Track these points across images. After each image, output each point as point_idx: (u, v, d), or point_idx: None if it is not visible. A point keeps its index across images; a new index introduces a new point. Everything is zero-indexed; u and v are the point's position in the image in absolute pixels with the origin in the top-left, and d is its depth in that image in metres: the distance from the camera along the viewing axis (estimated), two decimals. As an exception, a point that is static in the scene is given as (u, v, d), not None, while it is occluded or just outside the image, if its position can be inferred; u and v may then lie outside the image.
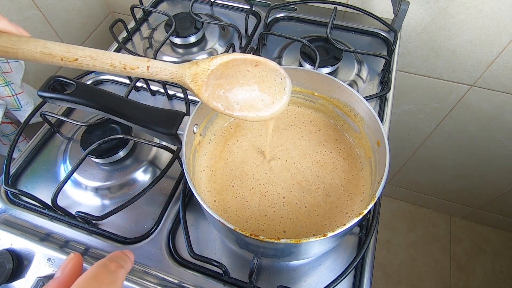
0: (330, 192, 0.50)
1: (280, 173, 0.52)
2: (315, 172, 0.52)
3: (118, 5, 1.07)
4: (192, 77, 0.37)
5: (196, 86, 0.37)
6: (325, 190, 0.50)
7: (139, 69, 0.35)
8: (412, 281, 1.51)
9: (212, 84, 0.39)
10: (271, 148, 0.54)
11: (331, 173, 0.51)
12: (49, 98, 0.48)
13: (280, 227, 0.47)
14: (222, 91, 0.40)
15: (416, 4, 0.80)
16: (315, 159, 0.53)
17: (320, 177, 0.51)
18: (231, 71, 0.40)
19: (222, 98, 0.40)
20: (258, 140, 0.55)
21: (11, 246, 0.53)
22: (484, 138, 1.10)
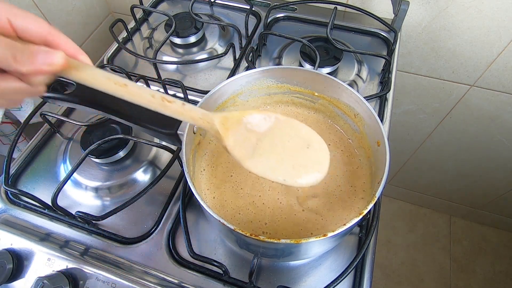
0: (329, 192, 0.50)
1: None
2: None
3: (118, 5, 1.07)
4: (222, 119, 0.37)
5: (224, 128, 0.37)
6: (324, 190, 0.50)
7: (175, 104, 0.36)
8: (412, 281, 1.51)
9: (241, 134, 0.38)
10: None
11: (330, 173, 0.51)
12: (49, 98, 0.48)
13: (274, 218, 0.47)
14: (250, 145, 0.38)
15: (416, 4, 0.80)
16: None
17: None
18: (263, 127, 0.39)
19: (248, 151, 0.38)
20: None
21: (11, 246, 0.53)
22: (484, 138, 1.10)
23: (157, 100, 0.35)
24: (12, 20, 0.29)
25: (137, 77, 0.68)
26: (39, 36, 0.30)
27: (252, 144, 0.38)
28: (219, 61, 0.77)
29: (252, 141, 0.38)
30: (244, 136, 0.38)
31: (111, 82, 0.33)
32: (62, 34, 0.31)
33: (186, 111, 0.36)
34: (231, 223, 0.46)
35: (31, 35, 0.30)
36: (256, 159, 0.38)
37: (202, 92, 0.71)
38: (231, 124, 0.38)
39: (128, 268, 0.51)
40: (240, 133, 0.38)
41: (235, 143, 0.38)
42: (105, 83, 0.33)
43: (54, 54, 0.29)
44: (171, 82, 0.67)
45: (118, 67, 0.71)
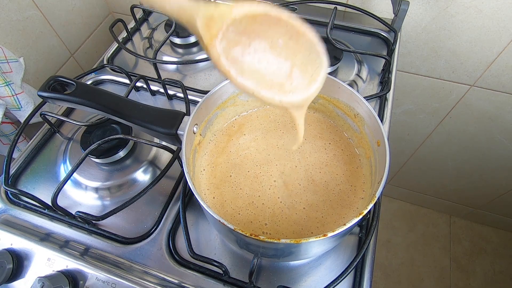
0: (329, 192, 0.50)
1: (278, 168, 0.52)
2: (315, 171, 0.52)
3: (118, 5, 1.07)
4: (205, 20, 0.28)
5: (208, 34, 0.28)
6: (324, 190, 0.50)
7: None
8: (412, 281, 1.51)
9: (229, 39, 0.29)
10: (269, 148, 0.54)
11: (330, 173, 0.51)
12: (49, 98, 0.49)
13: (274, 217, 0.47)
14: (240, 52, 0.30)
15: (416, 4, 0.80)
16: (314, 159, 0.53)
17: (319, 176, 0.51)
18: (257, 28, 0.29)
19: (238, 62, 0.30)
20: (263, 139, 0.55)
21: (11, 246, 0.53)
22: (484, 138, 1.10)
23: None
24: None
25: (137, 77, 0.68)
26: None
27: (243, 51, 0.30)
28: (219, 61, 0.77)
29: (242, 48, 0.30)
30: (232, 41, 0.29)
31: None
32: None
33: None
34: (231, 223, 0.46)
35: None
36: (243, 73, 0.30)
37: (202, 92, 0.71)
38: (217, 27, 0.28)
39: (128, 268, 0.51)
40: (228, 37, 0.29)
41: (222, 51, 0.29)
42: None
43: None
44: (171, 82, 0.67)
45: (118, 67, 0.71)
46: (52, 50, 0.92)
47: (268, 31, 0.30)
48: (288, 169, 0.52)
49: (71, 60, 0.99)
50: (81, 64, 1.04)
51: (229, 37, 0.28)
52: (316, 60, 0.34)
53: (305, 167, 0.52)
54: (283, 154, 0.54)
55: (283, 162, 0.53)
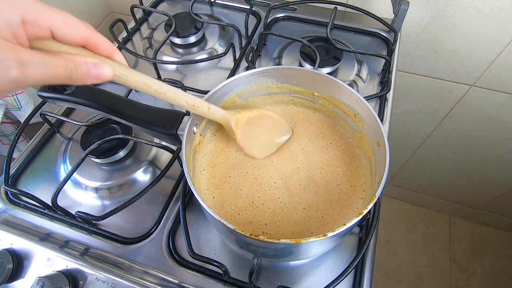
0: (329, 192, 0.50)
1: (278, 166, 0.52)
2: (314, 171, 0.52)
3: (118, 5, 1.07)
4: (235, 121, 0.50)
5: (237, 128, 0.50)
6: (324, 190, 0.50)
7: (203, 108, 0.46)
8: (412, 281, 1.51)
9: (246, 129, 0.51)
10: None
11: (331, 173, 0.51)
12: (49, 98, 0.49)
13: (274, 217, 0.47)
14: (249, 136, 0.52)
15: (416, 4, 0.80)
16: (314, 159, 0.53)
17: (319, 177, 0.51)
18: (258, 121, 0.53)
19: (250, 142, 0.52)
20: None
21: (11, 246, 0.53)
22: (484, 138, 1.10)
23: (189, 105, 0.44)
24: (54, 31, 0.30)
25: (137, 77, 0.68)
26: (78, 42, 0.32)
27: (251, 135, 0.52)
28: (219, 61, 0.77)
29: (251, 133, 0.52)
30: (247, 130, 0.51)
31: (151, 90, 0.39)
32: (98, 35, 0.33)
33: (210, 113, 0.47)
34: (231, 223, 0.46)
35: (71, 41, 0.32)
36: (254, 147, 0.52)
37: (202, 92, 0.71)
38: (242, 124, 0.50)
39: (128, 268, 0.51)
40: (246, 128, 0.51)
41: (242, 136, 0.51)
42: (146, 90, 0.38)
43: (103, 67, 0.32)
44: (171, 82, 0.67)
45: (118, 67, 0.71)
46: (52, 50, 0.92)
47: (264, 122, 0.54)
48: (289, 171, 0.52)
49: (71, 60, 0.99)
50: (81, 64, 1.03)
51: (246, 128, 0.51)
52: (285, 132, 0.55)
53: (306, 167, 0.52)
54: (283, 155, 0.54)
55: (283, 163, 0.53)
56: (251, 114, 0.52)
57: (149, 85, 0.38)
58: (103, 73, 0.32)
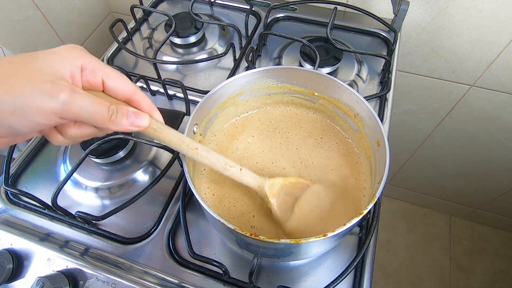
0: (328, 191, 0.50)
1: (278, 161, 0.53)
2: (314, 171, 0.52)
3: (118, 5, 1.07)
4: (269, 185, 0.45)
5: (271, 193, 0.45)
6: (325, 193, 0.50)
7: (235, 169, 0.43)
8: (412, 281, 1.51)
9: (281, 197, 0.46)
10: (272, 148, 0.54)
11: (330, 173, 0.51)
12: (49, 98, 0.48)
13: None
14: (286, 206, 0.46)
15: (416, 4, 0.80)
16: (314, 159, 0.53)
17: (319, 177, 0.51)
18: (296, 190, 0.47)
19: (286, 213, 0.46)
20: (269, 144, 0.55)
21: (11, 246, 0.53)
22: (484, 138, 1.10)
23: (220, 163, 0.42)
24: (105, 80, 0.33)
25: (137, 77, 0.68)
26: (124, 95, 0.35)
27: (288, 206, 0.46)
28: (219, 61, 0.77)
29: (288, 203, 0.46)
30: (283, 199, 0.46)
31: (184, 145, 0.39)
32: (142, 93, 0.36)
33: (242, 175, 0.44)
34: (227, 218, 0.47)
35: (118, 93, 0.34)
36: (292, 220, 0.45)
37: (202, 92, 0.71)
38: (276, 189, 0.46)
39: (128, 268, 0.51)
40: (281, 197, 0.46)
41: (277, 205, 0.45)
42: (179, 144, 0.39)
43: (142, 118, 0.34)
44: (171, 82, 0.67)
45: (118, 67, 0.71)
46: (52, 50, 0.92)
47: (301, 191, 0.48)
48: (289, 168, 0.52)
49: (71, 60, 0.99)
50: (81, 64, 1.03)
51: (281, 196, 0.46)
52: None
53: (306, 166, 0.52)
54: (285, 154, 0.54)
55: (285, 161, 0.53)
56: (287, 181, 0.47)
57: (182, 140, 0.39)
58: (141, 122, 0.34)
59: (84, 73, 0.32)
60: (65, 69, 0.30)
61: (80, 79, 0.32)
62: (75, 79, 0.31)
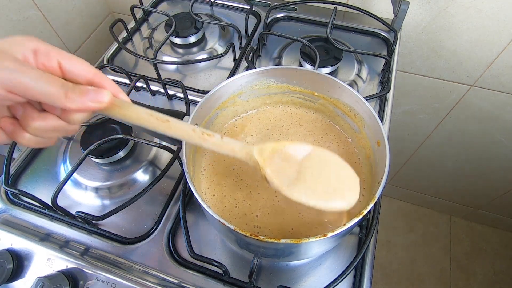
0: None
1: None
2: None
3: (118, 5, 1.07)
4: (258, 150, 0.40)
5: (262, 159, 0.39)
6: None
7: (215, 138, 0.38)
8: (412, 281, 1.51)
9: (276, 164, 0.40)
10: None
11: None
12: (49, 98, 0.48)
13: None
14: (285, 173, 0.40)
15: (416, 4, 0.80)
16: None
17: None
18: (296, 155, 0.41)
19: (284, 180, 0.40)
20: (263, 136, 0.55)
21: (11, 246, 0.53)
22: (484, 138, 1.10)
23: (197, 134, 0.38)
24: (62, 62, 0.31)
25: (137, 77, 0.68)
26: (84, 77, 0.32)
27: (287, 173, 0.40)
28: (219, 61, 0.77)
29: (287, 170, 0.40)
30: (279, 165, 0.40)
31: (153, 118, 0.36)
32: (105, 76, 0.34)
33: (225, 143, 0.39)
34: (229, 218, 0.46)
35: (78, 76, 0.32)
36: (291, 187, 0.39)
37: (202, 92, 0.71)
38: (267, 155, 0.40)
39: (128, 268, 0.51)
40: (275, 163, 0.40)
41: (272, 172, 0.39)
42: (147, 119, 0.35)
43: (102, 92, 0.32)
44: (171, 82, 0.67)
45: (118, 67, 0.71)
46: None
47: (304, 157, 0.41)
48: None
49: (71, 60, 0.99)
50: (81, 64, 1.03)
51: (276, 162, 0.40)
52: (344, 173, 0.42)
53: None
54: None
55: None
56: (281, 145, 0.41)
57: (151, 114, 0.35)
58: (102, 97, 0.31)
59: (38, 56, 0.30)
60: (16, 50, 0.28)
61: (34, 62, 0.30)
62: (27, 61, 0.29)
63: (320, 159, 0.41)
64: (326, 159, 0.42)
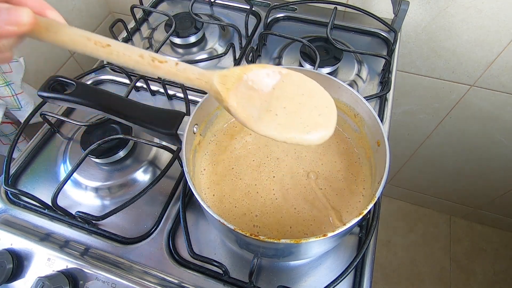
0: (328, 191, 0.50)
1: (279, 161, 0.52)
2: (314, 172, 0.52)
3: (118, 5, 1.07)
4: (220, 79, 0.34)
5: (225, 88, 0.34)
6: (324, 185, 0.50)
7: (168, 64, 0.32)
8: (412, 281, 1.51)
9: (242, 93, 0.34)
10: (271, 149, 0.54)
11: (330, 173, 0.51)
12: (49, 98, 0.48)
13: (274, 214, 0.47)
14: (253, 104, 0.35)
15: (416, 4, 0.80)
16: (314, 160, 0.53)
17: (319, 177, 0.51)
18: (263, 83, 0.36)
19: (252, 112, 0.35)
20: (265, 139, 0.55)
21: (11, 246, 0.53)
22: (484, 138, 1.10)
23: (146, 60, 0.32)
24: None
25: (137, 77, 0.68)
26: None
27: (255, 104, 0.35)
28: (219, 61, 0.77)
29: (255, 100, 0.35)
30: (246, 95, 0.35)
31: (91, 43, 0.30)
32: None
33: (180, 71, 0.33)
34: (228, 218, 0.46)
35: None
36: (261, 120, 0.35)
37: (202, 92, 0.71)
38: (231, 83, 0.34)
39: (128, 268, 0.51)
40: (242, 92, 0.34)
41: (238, 104, 0.34)
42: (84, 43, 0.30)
43: (19, 11, 0.25)
44: (171, 82, 0.67)
45: (118, 67, 0.71)
46: (52, 50, 0.92)
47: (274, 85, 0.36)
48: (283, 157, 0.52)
49: (71, 60, 0.99)
50: (81, 64, 1.04)
51: (242, 91, 0.34)
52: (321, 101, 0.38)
53: (305, 165, 0.52)
54: (280, 145, 0.54)
55: (279, 151, 0.53)
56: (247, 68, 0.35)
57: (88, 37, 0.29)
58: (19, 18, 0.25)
59: None
60: None
61: None
62: None
63: (293, 85, 0.37)
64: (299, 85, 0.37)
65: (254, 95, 0.35)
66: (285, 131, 0.35)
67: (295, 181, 0.51)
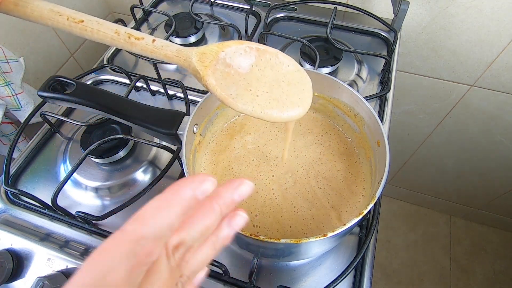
0: (328, 191, 0.50)
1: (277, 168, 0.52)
2: (314, 171, 0.52)
3: (118, 5, 1.07)
4: (198, 56, 0.33)
5: (203, 66, 0.33)
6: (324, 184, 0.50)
7: (144, 41, 0.32)
8: (412, 281, 1.51)
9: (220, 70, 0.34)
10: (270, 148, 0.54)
11: (330, 173, 0.51)
12: (49, 98, 0.49)
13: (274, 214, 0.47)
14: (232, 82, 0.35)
15: (416, 4, 0.80)
16: (314, 159, 0.53)
17: (319, 177, 0.51)
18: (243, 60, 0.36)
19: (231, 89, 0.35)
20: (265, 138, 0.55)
21: (11, 246, 0.53)
22: (484, 138, 1.10)
23: (122, 37, 0.31)
24: None
25: (137, 77, 0.68)
26: None
27: (234, 80, 0.35)
28: (219, 61, 0.77)
29: (234, 77, 0.35)
30: (225, 72, 0.35)
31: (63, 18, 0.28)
32: None
33: (157, 48, 0.33)
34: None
35: None
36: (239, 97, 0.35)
37: (202, 92, 0.71)
38: (210, 60, 0.34)
39: (128, 268, 0.51)
40: (220, 69, 0.35)
41: (216, 81, 0.34)
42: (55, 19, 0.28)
43: None
44: (171, 82, 0.67)
45: (118, 67, 0.71)
46: (52, 50, 0.92)
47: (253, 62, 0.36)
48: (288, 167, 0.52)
49: (71, 60, 0.99)
50: (81, 64, 1.04)
51: (220, 68, 0.34)
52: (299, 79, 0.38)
53: (304, 165, 0.52)
54: (279, 145, 0.54)
55: (279, 150, 0.53)
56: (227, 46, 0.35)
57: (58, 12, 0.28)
58: None
59: None
60: None
61: None
62: None
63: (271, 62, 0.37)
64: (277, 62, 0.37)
65: (232, 72, 0.35)
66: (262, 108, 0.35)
67: (294, 181, 0.51)
